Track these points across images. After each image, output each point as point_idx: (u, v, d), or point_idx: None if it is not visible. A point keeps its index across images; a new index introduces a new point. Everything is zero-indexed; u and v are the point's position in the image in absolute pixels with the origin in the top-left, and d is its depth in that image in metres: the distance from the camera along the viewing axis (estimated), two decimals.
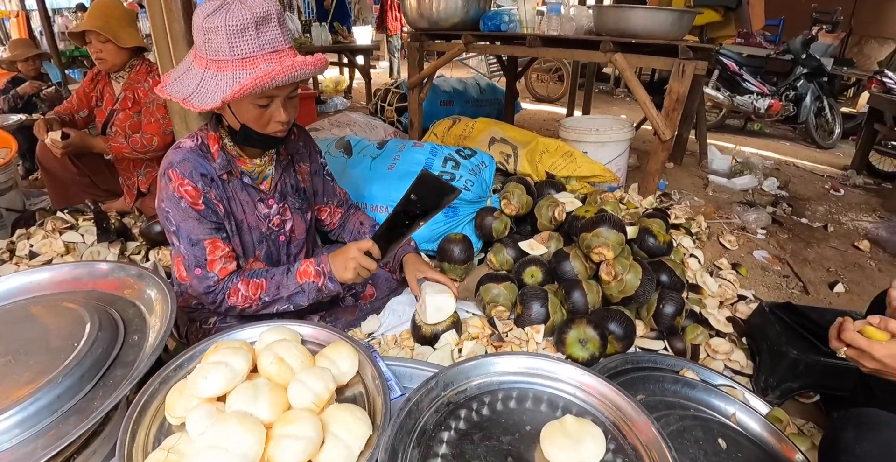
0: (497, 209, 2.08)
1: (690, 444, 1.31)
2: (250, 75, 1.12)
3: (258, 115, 1.24)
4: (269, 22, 1.13)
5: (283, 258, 1.58)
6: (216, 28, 1.10)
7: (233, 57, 1.13)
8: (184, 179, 1.27)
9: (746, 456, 1.32)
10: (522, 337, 1.57)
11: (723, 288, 1.97)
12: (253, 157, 1.42)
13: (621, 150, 2.73)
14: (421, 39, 3.62)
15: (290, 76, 1.13)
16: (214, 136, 1.34)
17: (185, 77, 1.21)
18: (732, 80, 5.90)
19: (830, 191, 3.58)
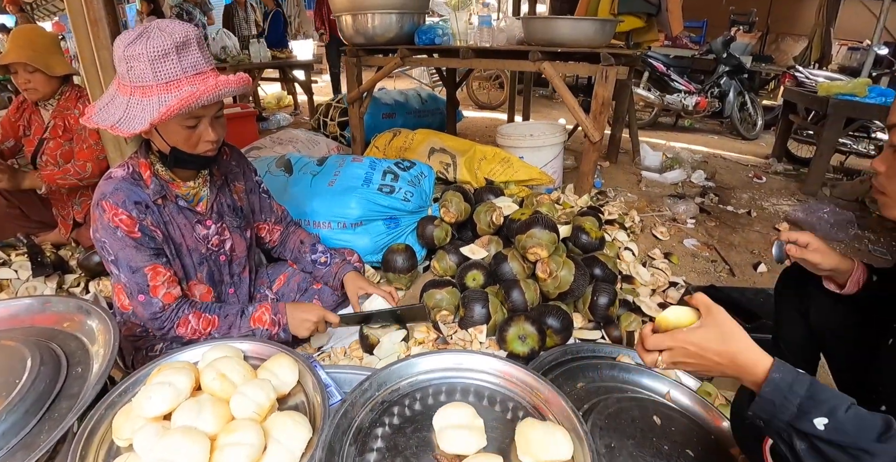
0: (437, 217, 2.15)
1: (627, 424, 1.40)
2: (176, 97, 1.15)
3: (187, 136, 1.26)
4: (190, 46, 1.18)
5: (226, 278, 1.60)
6: (138, 55, 1.13)
7: (157, 82, 1.15)
8: (117, 209, 1.28)
9: (679, 428, 1.42)
10: (466, 338, 1.64)
11: (655, 276, 2.09)
12: (186, 180, 1.43)
13: (555, 153, 2.86)
14: (358, 54, 3.68)
15: (215, 95, 1.18)
16: (146, 163, 1.35)
17: (111, 106, 1.22)
18: (661, 81, 6.23)
19: (754, 179, 3.84)
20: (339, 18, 3.53)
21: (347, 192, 2.16)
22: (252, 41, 6.10)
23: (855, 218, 3.01)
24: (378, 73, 3.56)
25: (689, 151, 4.37)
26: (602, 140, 2.65)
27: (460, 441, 0.84)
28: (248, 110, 4.55)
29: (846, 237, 2.89)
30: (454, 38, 3.37)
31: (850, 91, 3.82)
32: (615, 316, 1.75)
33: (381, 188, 2.19)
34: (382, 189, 2.19)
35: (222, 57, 5.86)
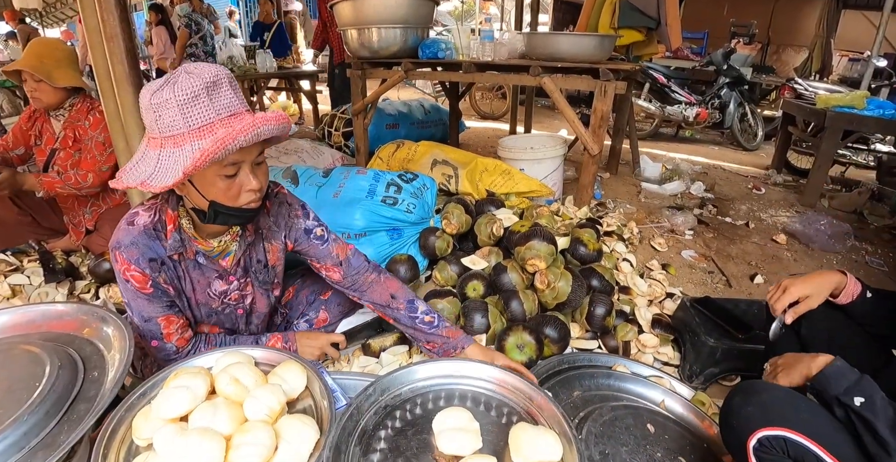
0: (439, 229, 2.20)
1: (622, 431, 1.45)
2: (211, 140, 1.04)
3: (227, 187, 1.14)
4: (221, 86, 1.08)
5: (241, 327, 1.54)
6: (166, 102, 1.03)
7: (189, 128, 1.05)
8: (130, 265, 1.22)
9: (672, 436, 1.46)
10: None
11: (652, 287, 2.14)
12: (212, 238, 1.34)
13: (555, 165, 2.92)
14: (363, 67, 3.76)
15: (254, 134, 1.06)
16: (173, 216, 1.25)
17: (141, 164, 1.12)
18: (662, 92, 6.30)
19: (753, 190, 3.89)
20: (345, 32, 3.62)
21: (352, 204, 2.22)
22: (258, 51, 6.20)
23: (852, 229, 3.05)
24: (382, 86, 3.64)
25: (689, 162, 4.43)
26: (602, 152, 2.70)
27: (457, 442, 0.90)
28: None
29: (843, 248, 2.92)
30: (457, 52, 3.45)
31: (848, 103, 3.84)
32: (612, 326, 1.79)
33: (384, 200, 2.25)
34: (386, 201, 2.24)
35: (228, 66, 5.96)
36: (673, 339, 1.85)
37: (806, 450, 0.95)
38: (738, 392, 1.09)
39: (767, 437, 0.97)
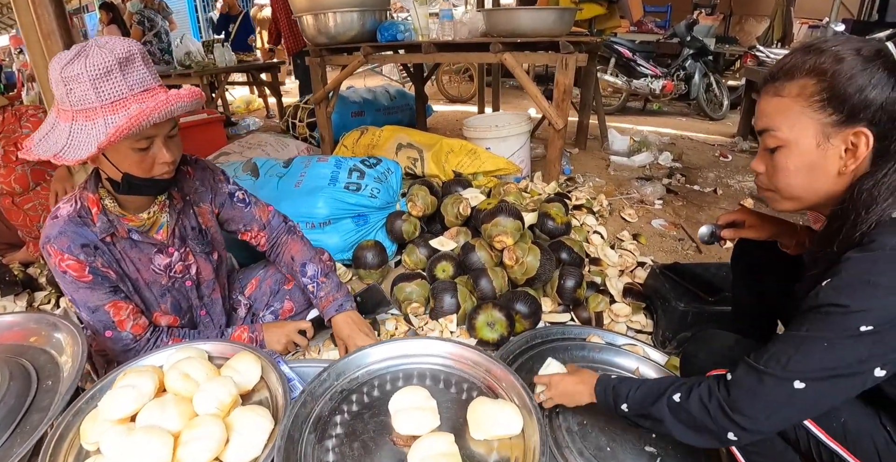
0: (405, 212, 2.16)
1: None
2: (124, 117, 1.05)
3: (140, 160, 1.16)
4: (134, 61, 1.09)
5: (195, 301, 1.53)
6: (78, 76, 1.03)
7: (101, 102, 1.06)
8: (63, 254, 1.21)
9: None
10: (437, 328, 1.66)
11: (623, 257, 2.14)
12: (139, 211, 1.33)
13: (521, 142, 2.89)
14: (322, 54, 3.66)
15: (166, 111, 1.08)
16: (94, 198, 1.25)
17: (52, 135, 1.11)
18: (628, 66, 6.30)
19: (720, 158, 3.92)
20: (300, 19, 3.51)
21: (314, 192, 2.16)
22: (216, 45, 6.01)
23: None
24: (342, 72, 3.55)
25: (657, 134, 4.44)
26: (567, 127, 2.68)
27: (414, 422, 0.87)
28: (214, 116, 4.49)
29: None
30: (416, 34, 3.38)
31: None
32: (583, 298, 1.78)
33: (347, 186, 2.19)
34: (349, 187, 2.19)
35: (187, 63, 5.77)
36: (645, 307, 1.85)
37: None
38: (691, 342, 1.20)
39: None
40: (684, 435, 0.90)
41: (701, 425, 0.86)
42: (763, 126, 0.88)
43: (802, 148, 0.83)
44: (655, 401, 0.91)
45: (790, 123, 0.83)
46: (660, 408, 0.90)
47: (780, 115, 0.85)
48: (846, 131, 0.79)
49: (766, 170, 0.90)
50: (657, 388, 0.93)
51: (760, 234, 1.22)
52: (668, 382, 0.94)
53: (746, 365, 0.84)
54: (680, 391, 0.89)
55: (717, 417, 0.83)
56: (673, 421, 0.89)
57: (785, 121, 0.84)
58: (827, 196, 0.85)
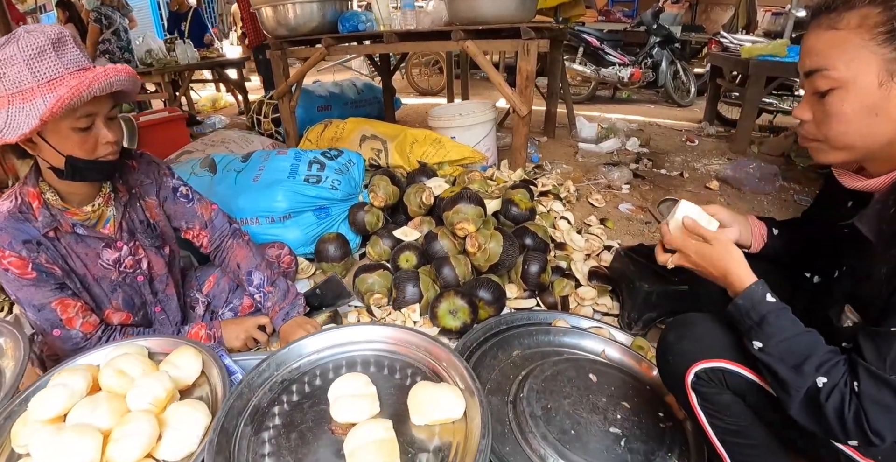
0: (368, 203, 2.11)
1: (564, 384, 1.42)
2: (65, 87, 1.05)
3: (82, 140, 1.15)
4: (66, 43, 1.09)
5: (149, 297, 1.48)
6: (11, 58, 1.03)
7: (38, 82, 1.05)
8: (4, 252, 1.17)
9: (615, 383, 1.45)
10: (400, 318, 1.62)
11: (590, 242, 2.12)
12: (83, 204, 1.30)
13: (486, 130, 2.86)
14: (283, 47, 3.57)
15: (106, 82, 1.08)
16: (35, 192, 1.22)
17: None
18: (596, 55, 6.33)
19: (687, 142, 3.96)
20: (259, 12, 3.42)
21: (273, 186, 2.10)
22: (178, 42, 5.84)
23: (780, 171, 3.14)
24: (304, 65, 3.47)
25: (626, 121, 4.46)
26: (531, 114, 2.66)
27: (352, 409, 0.84)
28: (176, 114, 4.36)
29: (772, 189, 3.01)
30: (378, 24, 3.31)
31: (770, 52, 3.98)
32: (548, 283, 1.76)
33: (307, 179, 2.14)
34: (309, 179, 2.13)
35: (147, 60, 5.60)
36: (611, 290, 1.84)
37: (743, 379, 0.92)
38: (671, 328, 1.04)
39: (704, 370, 0.93)
40: (801, 416, 0.82)
41: (826, 423, 0.78)
42: (813, 66, 0.78)
43: (862, 88, 0.73)
44: (796, 369, 0.80)
45: (847, 59, 0.73)
46: (796, 382, 0.79)
47: (834, 50, 0.74)
48: None
49: (813, 117, 0.81)
50: (804, 352, 0.81)
51: (735, 228, 1.17)
52: (815, 348, 0.81)
53: (871, 374, 0.74)
54: (827, 377, 0.78)
55: (850, 429, 0.75)
56: (801, 402, 0.80)
57: (841, 57, 0.74)
58: (886, 144, 0.76)
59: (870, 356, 0.75)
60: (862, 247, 0.85)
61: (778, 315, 0.86)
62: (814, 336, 0.85)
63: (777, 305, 0.88)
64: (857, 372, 0.76)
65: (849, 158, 0.82)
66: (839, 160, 0.83)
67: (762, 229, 1.23)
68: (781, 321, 0.86)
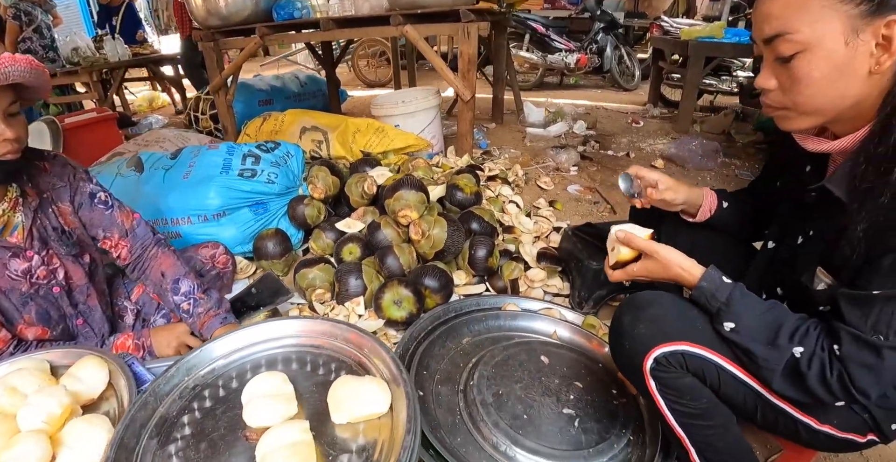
0: (307, 196, 2.01)
1: (515, 369, 1.39)
2: None
3: None
4: None
5: (68, 310, 1.35)
6: None
7: None
8: None
9: (567, 363, 1.43)
10: (343, 313, 1.54)
11: (539, 224, 2.10)
12: None
13: (431, 117, 2.80)
14: (215, 38, 3.39)
15: (3, 73, 1.00)
16: None
17: None
18: (542, 42, 6.36)
19: (632, 124, 4.01)
20: (188, 1, 3.22)
21: (204, 182, 1.97)
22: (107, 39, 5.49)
23: (722, 147, 3.21)
24: (239, 57, 3.30)
25: (573, 106, 4.49)
26: (474, 98, 2.61)
27: (266, 412, 0.76)
28: (105, 114, 4.09)
29: (715, 165, 3.07)
30: (314, 11, 3.18)
31: (708, 34, 4.12)
32: (496, 267, 1.72)
33: (241, 173, 2.02)
34: (243, 174, 2.02)
35: (74, 59, 5.25)
36: (560, 270, 1.82)
37: (706, 361, 0.88)
38: (625, 310, 0.97)
39: (664, 355, 0.89)
40: (784, 388, 0.82)
41: (810, 390, 0.78)
42: (773, 31, 0.74)
43: (828, 49, 0.71)
44: (772, 344, 0.80)
45: (811, 20, 0.70)
46: (774, 357, 0.79)
47: (795, 12, 0.71)
48: (877, 23, 0.68)
49: (778, 84, 0.78)
50: (774, 325, 0.81)
51: (677, 195, 1.17)
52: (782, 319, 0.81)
53: (853, 337, 0.74)
54: (803, 345, 0.78)
55: (836, 392, 0.76)
56: (782, 376, 0.80)
57: (803, 18, 0.71)
58: (855, 104, 0.74)
59: (851, 319, 0.75)
60: (832, 209, 0.83)
61: (743, 292, 0.86)
62: (778, 307, 0.85)
63: (736, 284, 0.87)
64: (838, 335, 0.76)
65: (818, 123, 0.80)
66: (808, 126, 0.81)
67: (713, 202, 1.21)
68: (748, 298, 0.86)
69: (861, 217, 0.74)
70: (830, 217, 0.85)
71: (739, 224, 1.24)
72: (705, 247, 1.25)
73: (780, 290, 1.03)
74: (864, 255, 0.76)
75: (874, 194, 0.73)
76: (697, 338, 0.89)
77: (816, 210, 0.91)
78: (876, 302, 0.73)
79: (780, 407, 0.89)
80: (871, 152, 0.74)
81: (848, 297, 0.77)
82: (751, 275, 1.13)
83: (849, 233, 0.77)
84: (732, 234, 1.28)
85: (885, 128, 0.72)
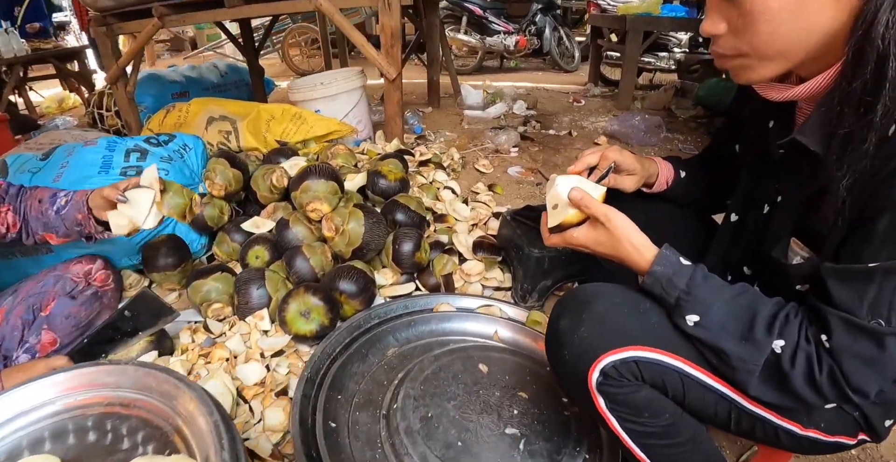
0: (207, 194, 1.73)
1: (449, 382, 1.18)
2: None
3: None
4: None
5: None
6: None
7: None
8: None
9: (508, 369, 1.24)
10: (244, 330, 1.29)
11: (476, 210, 1.90)
12: None
13: (355, 100, 2.54)
14: (108, 22, 2.99)
15: None
16: None
17: None
18: (480, 24, 6.17)
19: (574, 103, 3.89)
20: None
21: (79, 185, 1.65)
22: None
23: (664, 122, 3.12)
24: (137, 42, 2.92)
25: (514, 88, 4.33)
26: (401, 77, 2.37)
27: None
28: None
29: (658, 141, 2.97)
30: None
31: (645, 9, 4.12)
32: (426, 262, 1.51)
33: (124, 172, 1.71)
34: (127, 173, 1.71)
35: None
36: (500, 260, 1.62)
37: (666, 368, 0.70)
38: (563, 309, 0.78)
39: (613, 364, 0.69)
40: (763, 393, 0.66)
41: (795, 393, 0.63)
42: None
43: None
44: (747, 338, 0.64)
45: None
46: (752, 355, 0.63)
47: None
48: None
49: (729, 27, 0.63)
50: (747, 314, 0.65)
51: (640, 174, 0.98)
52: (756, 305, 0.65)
53: (846, 323, 0.59)
54: (784, 337, 0.62)
55: (827, 393, 0.61)
56: (760, 378, 0.65)
57: None
58: (824, 37, 0.59)
59: (842, 300, 0.60)
60: (804, 167, 0.69)
61: (705, 275, 0.69)
62: (750, 292, 0.68)
63: (697, 266, 0.70)
64: (825, 322, 0.61)
65: (782, 68, 0.64)
66: (772, 74, 0.64)
67: (669, 173, 1.04)
68: (712, 282, 0.69)
69: (843, 171, 0.58)
70: (804, 177, 0.70)
71: (698, 194, 1.07)
72: (661, 220, 1.08)
73: (747, 269, 0.86)
74: (851, 219, 0.60)
75: (855, 141, 0.57)
76: (654, 339, 0.71)
77: (786, 170, 0.75)
78: (873, 277, 0.58)
79: (758, 414, 0.72)
80: (846, 90, 0.58)
81: (836, 272, 0.61)
82: (713, 254, 0.96)
83: (830, 192, 0.61)
84: (691, 206, 1.11)
85: (858, 55, 0.56)
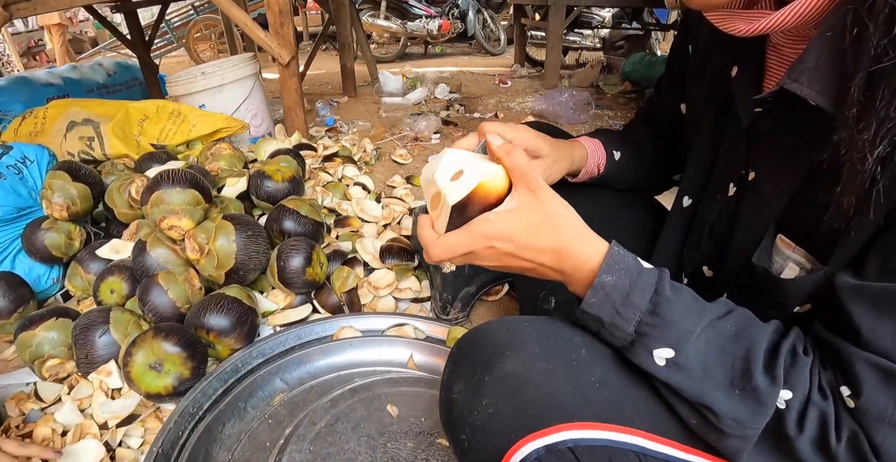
0: (49, 217, 1.39)
1: (348, 437, 0.94)
2: None
3: None
4: None
5: None
6: None
7: None
8: None
9: (424, 408, 1.01)
10: (87, 392, 1.00)
11: (390, 208, 1.66)
12: None
13: (247, 90, 2.22)
14: None
15: None
16: None
17: None
18: (400, 8, 5.88)
19: (500, 85, 3.72)
20: None
21: None
22: None
23: (592, 99, 2.98)
24: None
25: (438, 73, 4.11)
26: (295, 60, 2.08)
27: None
28: None
29: (587, 118, 2.84)
30: None
31: None
32: (322, 277, 1.25)
33: None
34: None
35: None
36: (416, 266, 1.39)
37: (618, 449, 0.45)
38: (455, 367, 0.53)
39: (537, 455, 0.45)
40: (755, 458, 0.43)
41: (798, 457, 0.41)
42: None
43: None
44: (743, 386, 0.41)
45: None
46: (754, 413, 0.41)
47: None
48: None
49: None
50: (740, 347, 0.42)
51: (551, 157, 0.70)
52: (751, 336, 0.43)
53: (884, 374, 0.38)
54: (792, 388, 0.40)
55: None
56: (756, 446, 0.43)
57: None
58: None
59: (876, 336, 0.39)
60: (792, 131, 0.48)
61: (675, 287, 0.45)
62: (736, 313, 0.45)
63: (662, 271, 0.46)
64: (849, 369, 0.40)
65: None
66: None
67: (601, 157, 0.81)
68: (684, 296, 0.45)
69: (871, 134, 0.36)
70: (792, 146, 0.49)
71: (637, 174, 0.86)
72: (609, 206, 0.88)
73: (707, 269, 0.65)
74: (887, 211, 0.38)
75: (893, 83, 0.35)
76: (598, 406, 0.47)
77: (760, 135, 0.53)
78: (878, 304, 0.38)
79: None
80: None
81: (866, 294, 0.40)
82: (661, 251, 0.75)
83: (845, 169, 0.39)
84: (632, 190, 0.90)
85: None
